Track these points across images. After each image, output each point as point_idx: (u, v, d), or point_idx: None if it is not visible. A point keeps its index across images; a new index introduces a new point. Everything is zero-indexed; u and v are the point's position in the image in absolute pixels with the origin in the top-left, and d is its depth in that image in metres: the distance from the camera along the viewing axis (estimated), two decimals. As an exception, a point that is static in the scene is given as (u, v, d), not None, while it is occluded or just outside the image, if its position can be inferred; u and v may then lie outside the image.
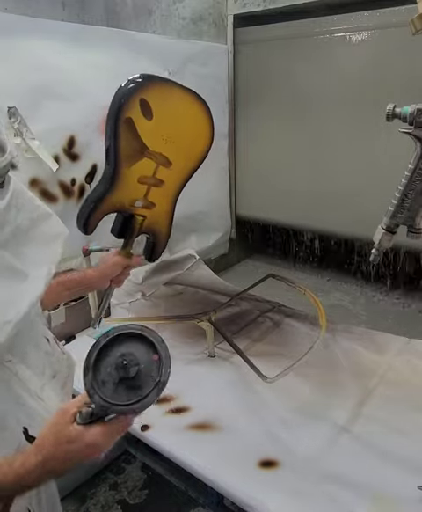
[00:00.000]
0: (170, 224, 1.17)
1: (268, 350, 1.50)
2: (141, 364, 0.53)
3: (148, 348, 0.55)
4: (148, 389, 0.53)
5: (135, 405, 0.53)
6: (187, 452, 1.07)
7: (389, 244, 1.01)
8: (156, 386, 0.53)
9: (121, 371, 0.52)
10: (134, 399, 0.52)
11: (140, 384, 0.53)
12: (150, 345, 0.55)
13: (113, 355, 0.53)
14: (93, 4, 1.71)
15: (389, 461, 1.03)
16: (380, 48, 1.94)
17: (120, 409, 0.53)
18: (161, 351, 0.54)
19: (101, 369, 0.52)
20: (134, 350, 0.53)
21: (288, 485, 0.97)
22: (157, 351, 0.54)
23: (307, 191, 2.25)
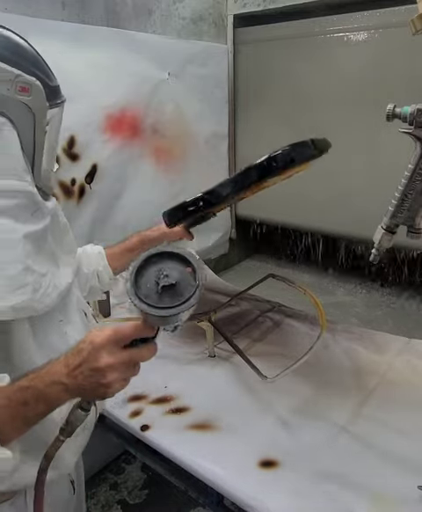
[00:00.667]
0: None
1: (268, 350, 1.50)
2: (178, 276, 0.58)
3: (180, 263, 0.59)
4: (188, 294, 0.57)
5: (181, 306, 0.56)
6: (187, 452, 1.07)
7: (389, 244, 1.01)
8: (196, 289, 0.57)
9: (162, 281, 0.57)
10: (178, 302, 0.56)
11: (180, 291, 0.57)
12: (182, 260, 0.59)
13: (150, 273, 0.58)
14: (93, 4, 1.71)
15: (389, 461, 1.03)
16: (380, 48, 1.94)
17: (167, 312, 0.56)
18: (193, 262, 0.59)
19: (142, 286, 0.57)
20: (168, 266, 0.59)
21: (288, 485, 0.97)
22: (190, 263, 0.59)
23: (307, 191, 2.25)
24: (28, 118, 0.68)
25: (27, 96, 0.66)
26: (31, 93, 0.67)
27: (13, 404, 0.59)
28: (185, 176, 2.30)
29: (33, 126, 0.69)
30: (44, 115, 0.70)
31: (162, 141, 2.12)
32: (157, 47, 1.95)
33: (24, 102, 0.67)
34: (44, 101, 0.70)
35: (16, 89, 0.65)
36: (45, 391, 0.60)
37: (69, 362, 0.60)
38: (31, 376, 0.61)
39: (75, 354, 0.61)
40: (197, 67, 2.17)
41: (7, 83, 0.64)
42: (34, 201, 0.70)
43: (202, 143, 2.35)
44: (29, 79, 0.67)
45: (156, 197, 2.13)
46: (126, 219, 2.06)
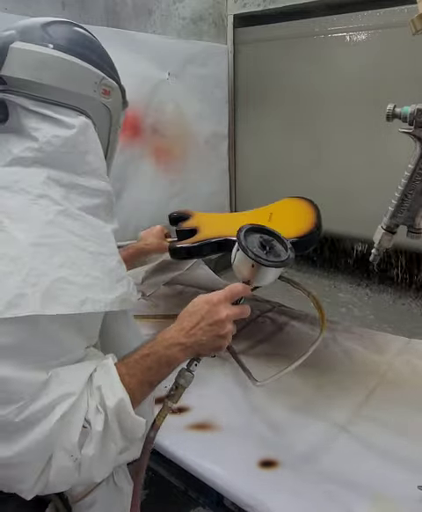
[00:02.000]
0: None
1: (268, 350, 1.50)
2: (273, 240, 0.76)
3: (268, 235, 0.77)
4: (285, 254, 0.74)
5: (287, 260, 0.73)
6: (187, 452, 1.07)
7: (389, 244, 1.01)
8: (290, 250, 0.75)
9: (266, 245, 0.74)
10: (284, 258, 0.74)
11: (278, 253, 0.74)
12: (267, 232, 0.78)
13: (253, 240, 0.74)
14: (93, 4, 1.72)
15: (389, 461, 1.03)
16: (380, 48, 1.94)
17: (282, 264, 0.73)
18: (277, 233, 0.78)
19: (250, 247, 0.72)
20: (262, 235, 0.76)
21: (288, 485, 0.97)
22: (274, 234, 0.78)
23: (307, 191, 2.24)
24: (106, 119, 0.71)
25: (107, 98, 0.70)
26: (111, 96, 0.70)
27: (139, 371, 0.66)
28: (185, 176, 2.30)
29: (109, 127, 0.72)
30: (119, 117, 0.74)
31: (162, 141, 2.12)
32: (157, 47, 1.95)
33: (105, 104, 0.70)
34: (120, 103, 0.74)
35: (100, 91, 0.68)
36: (165, 353, 0.68)
37: (184, 325, 0.72)
38: (149, 345, 0.70)
39: (189, 317, 0.72)
40: (197, 67, 2.18)
41: (94, 85, 0.68)
42: (111, 201, 0.72)
43: (202, 143, 2.35)
44: (111, 82, 0.70)
45: (156, 197, 2.13)
46: (126, 219, 2.06)
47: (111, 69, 0.73)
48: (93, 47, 0.73)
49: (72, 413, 0.59)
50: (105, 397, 0.62)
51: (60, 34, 0.69)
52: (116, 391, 0.63)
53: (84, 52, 0.69)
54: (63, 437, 0.58)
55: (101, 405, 0.62)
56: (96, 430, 0.60)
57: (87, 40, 0.73)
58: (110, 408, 0.61)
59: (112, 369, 0.65)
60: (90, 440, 0.60)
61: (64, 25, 0.73)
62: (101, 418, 0.61)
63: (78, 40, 0.71)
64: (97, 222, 0.67)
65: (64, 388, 0.59)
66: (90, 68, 0.68)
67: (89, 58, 0.69)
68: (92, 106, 0.69)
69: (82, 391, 0.61)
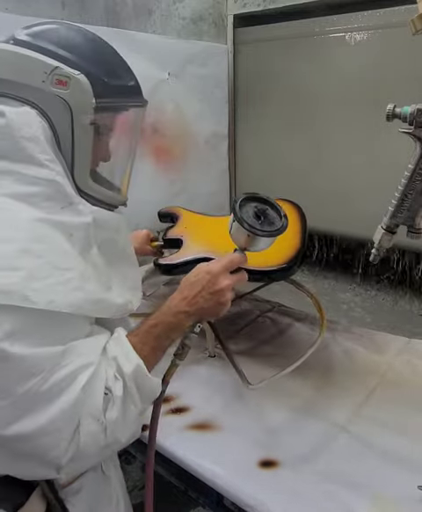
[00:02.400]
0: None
1: (267, 350, 1.50)
2: (266, 211, 0.79)
3: (263, 203, 0.80)
4: (279, 222, 0.78)
5: (281, 229, 0.77)
6: (187, 452, 1.07)
7: (388, 244, 1.01)
8: (284, 217, 0.78)
9: (260, 214, 0.77)
10: (278, 227, 0.77)
11: (272, 221, 0.78)
12: (264, 201, 0.80)
13: (248, 210, 0.77)
14: (93, 4, 1.72)
15: (389, 461, 1.03)
16: (380, 48, 1.94)
17: (277, 233, 0.77)
18: (271, 201, 0.80)
19: (245, 218, 0.75)
20: (257, 204, 0.79)
21: (288, 485, 0.97)
22: (269, 202, 0.80)
23: (307, 191, 2.25)
24: (64, 111, 0.66)
25: (64, 89, 0.65)
26: (69, 87, 0.65)
27: (150, 340, 0.73)
28: (185, 176, 2.30)
29: (70, 120, 0.67)
30: (85, 110, 0.67)
31: (162, 141, 2.12)
32: (157, 47, 1.95)
33: (59, 95, 0.65)
34: (87, 97, 0.67)
35: (52, 81, 0.65)
36: (172, 321, 0.75)
37: (185, 294, 0.77)
38: (155, 315, 0.75)
39: (190, 286, 0.77)
40: (197, 67, 2.17)
41: (42, 75, 0.64)
42: (63, 193, 0.66)
43: (202, 143, 2.35)
44: (68, 72, 0.65)
45: (155, 197, 2.13)
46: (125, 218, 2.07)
47: (86, 59, 0.68)
48: (57, 37, 0.68)
49: (93, 381, 0.64)
50: (122, 364, 0.67)
51: (31, 31, 0.68)
52: (131, 359, 0.69)
53: (42, 43, 0.66)
54: (88, 404, 0.63)
55: (119, 373, 0.67)
56: (116, 395, 0.66)
57: (58, 32, 0.70)
58: (127, 374, 0.67)
59: (124, 340, 0.71)
60: (113, 405, 0.65)
61: (47, 24, 0.72)
62: (120, 384, 0.66)
63: (45, 34, 0.68)
64: (22, 209, 0.62)
65: (83, 359, 0.64)
66: (39, 57, 0.65)
67: (44, 48, 0.66)
68: (42, 98, 0.65)
69: (99, 362, 0.66)
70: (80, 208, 0.68)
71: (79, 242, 0.67)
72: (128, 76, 0.76)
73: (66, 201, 0.67)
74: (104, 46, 0.76)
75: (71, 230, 0.66)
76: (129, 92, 0.75)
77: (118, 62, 0.76)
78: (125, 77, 0.75)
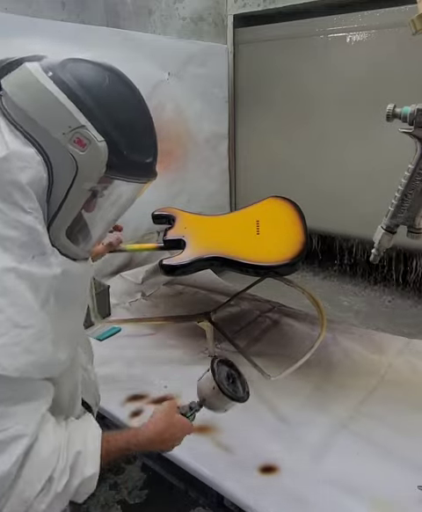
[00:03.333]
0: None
1: (268, 350, 1.50)
2: (237, 377, 0.87)
3: (232, 368, 0.88)
4: (241, 393, 0.85)
5: (241, 399, 0.83)
6: (187, 454, 1.06)
7: (388, 244, 1.01)
8: (246, 393, 0.86)
9: (231, 378, 0.86)
10: (241, 395, 0.84)
11: (236, 390, 0.85)
12: (236, 371, 0.88)
13: (223, 369, 0.86)
14: (93, 4, 1.72)
15: (389, 461, 1.03)
16: (380, 48, 1.94)
17: (233, 396, 0.82)
18: (243, 376, 0.88)
19: (218, 373, 0.83)
20: (229, 369, 0.87)
21: (289, 485, 0.97)
22: (239, 372, 0.88)
23: (307, 191, 2.25)
24: (70, 171, 0.63)
25: (80, 150, 0.61)
26: (86, 150, 0.61)
27: (117, 454, 0.73)
28: (186, 176, 2.30)
29: (72, 180, 0.63)
30: (91, 177, 0.64)
31: (162, 141, 2.11)
32: (157, 47, 1.95)
33: (72, 153, 0.62)
34: (99, 165, 0.63)
35: (72, 138, 0.61)
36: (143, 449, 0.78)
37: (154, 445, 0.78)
38: (131, 442, 0.75)
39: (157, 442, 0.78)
40: (197, 67, 2.18)
41: (65, 128, 0.61)
42: (38, 243, 0.63)
43: (202, 143, 2.35)
44: (92, 136, 0.61)
45: (155, 197, 2.13)
46: (125, 218, 2.05)
47: (116, 127, 0.63)
48: (103, 95, 0.63)
49: (36, 464, 0.60)
50: (82, 464, 0.65)
51: (74, 69, 0.63)
52: (94, 465, 0.66)
53: (83, 95, 0.61)
54: (22, 484, 0.59)
55: (71, 468, 0.63)
56: (54, 491, 0.61)
57: (102, 86, 0.64)
58: (83, 475, 0.64)
59: (97, 440, 0.69)
60: (45, 497, 0.61)
61: (93, 65, 0.65)
62: (64, 481, 0.62)
63: (89, 80, 0.63)
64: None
65: (17, 429, 0.59)
66: (71, 110, 0.60)
67: (81, 101, 0.61)
68: (55, 149, 0.62)
69: (47, 443, 0.62)
70: (51, 260, 0.64)
71: (43, 294, 0.63)
72: (150, 152, 0.70)
73: (39, 250, 0.63)
74: (140, 109, 0.69)
75: (38, 283, 0.62)
76: (143, 170, 0.70)
77: (145, 132, 0.70)
78: (145, 152, 0.69)
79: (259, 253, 1.37)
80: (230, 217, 1.64)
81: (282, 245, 1.40)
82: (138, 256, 2.18)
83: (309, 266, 2.73)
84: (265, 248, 1.40)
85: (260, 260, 1.34)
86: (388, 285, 2.47)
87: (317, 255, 2.67)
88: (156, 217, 1.65)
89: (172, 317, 1.66)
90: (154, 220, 1.66)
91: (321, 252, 2.64)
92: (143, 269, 2.08)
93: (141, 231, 2.14)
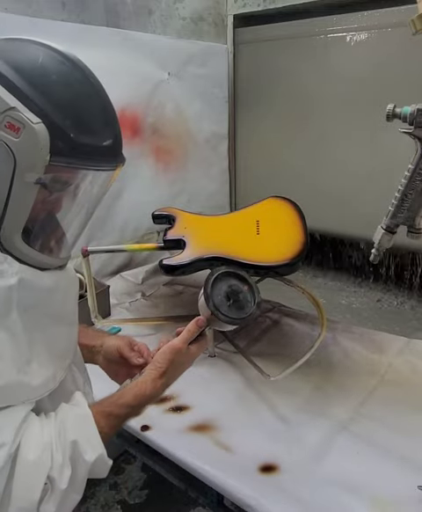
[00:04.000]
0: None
1: (268, 350, 1.50)
2: (240, 292, 0.75)
3: (241, 281, 0.76)
4: (249, 308, 0.74)
5: (247, 317, 0.73)
6: (187, 453, 1.07)
7: (388, 244, 1.01)
8: (255, 305, 0.74)
9: (232, 296, 0.73)
10: (244, 315, 0.73)
11: (243, 306, 0.74)
12: (241, 278, 0.76)
13: (221, 288, 0.73)
14: (93, 4, 1.72)
15: (389, 461, 1.03)
16: (380, 48, 1.94)
17: (239, 321, 0.73)
18: (251, 282, 0.76)
19: (214, 298, 0.72)
20: (233, 283, 0.75)
21: (289, 485, 0.97)
22: (248, 282, 0.76)
23: (307, 191, 2.25)
24: (6, 161, 0.55)
25: (14, 137, 0.53)
26: (21, 135, 0.53)
27: (119, 423, 0.68)
28: (185, 176, 2.30)
29: (12, 172, 0.55)
30: (32, 168, 0.55)
31: (162, 141, 2.12)
32: (157, 47, 1.95)
33: (4, 142, 0.53)
34: (39, 151, 0.54)
35: (2, 123, 0.53)
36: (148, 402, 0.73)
37: (157, 383, 0.73)
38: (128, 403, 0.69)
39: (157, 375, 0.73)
40: (197, 67, 2.18)
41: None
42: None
43: (202, 143, 2.35)
44: (25, 118, 0.53)
45: (155, 197, 2.13)
46: (125, 219, 2.07)
47: (56, 107, 0.55)
48: (38, 74, 0.55)
49: (27, 470, 0.54)
50: (83, 451, 0.59)
51: (5, 50, 0.57)
52: (95, 447, 0.61)
53: (11, 74, 0.54)
54: (19, 495, 0.54)
55: (72, 460, 0.58)
56: (59, 488, 0.56)
57: (36, 65, 0.56)
58: (87, 463, 0.59)
59: (90, 422, 0.62)
60: (52, 497, 0.56)
61: (29, 44, 0.58)
62: (67, 475, 0.57)
63: (21, 60, 0.56)
64: None
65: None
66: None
67: (10, 81, 0.53)
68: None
69: (34, 445, 0.56)
70: (2, 269, 0.57)
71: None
72: (107, 133, 0.60)
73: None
74: (87, 86, 0.59)
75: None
76: (100, 155, 0.59)
77: (97, 111, 0.60)
78: (101, 134, 0.59)
79: (259, 253, 1.37)
80: (230, 217, 1.64)
81: (282, 245, 1.40)
82: (138, 256, 2.18)
83: (309, 267, 2.73)
84: (265, 248, 1.40)
85: (260, 260, 1.35)
86: (388, 285, 2.47)
87: (317, 255, 2.67)
88: (156, 217, 1.65)
89: (172, 317, 1.66)
90: (154, 220, 1.66)
91: (321, 252, 2.64)
92: (143, 269, 2.08)
93: (141, 231, 2.15)
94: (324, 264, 2.69)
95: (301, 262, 1.37)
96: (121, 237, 2.07)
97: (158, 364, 0.72)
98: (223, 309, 0.72)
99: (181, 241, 1.45)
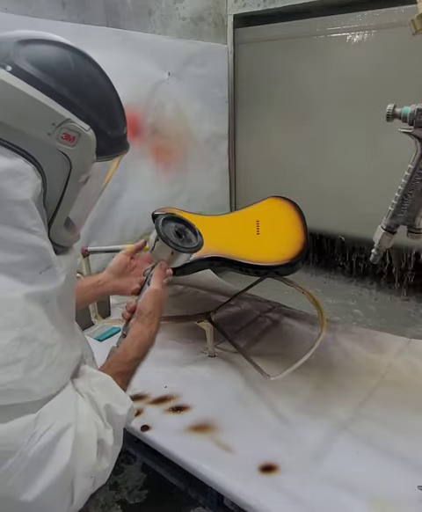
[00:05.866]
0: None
1: (268, 350, 1.50)
2: (184, 228, 0.86)
3: (177, 222, 0.87)
4: (196, 239, 0.86)
5: (200, 244, 0.85)
6: (187, 453, 1.07)
7: (388, 244, 1.01)
8: (199, 235, 0.86)
9: (181, 233, 0.85)
10: (197, 243, 0.85)
11: (190, 239, 0.85)
12: (178, 220, 0.87)
13: (169, 228, 0.84)
14: (93, 4, 1.72)
15: (389, 461, 1.03)
16: (380, 48, 1.94)
17: (196, 249, 0.84)
18: (186, 221, 0.87)
19: (171, 238, 0.81)
20: (176, 224, 0.86)
21: (289, 485, 0.97)
22: (184, 221, 0.87)
23: (307, 191, 2.25)
24: (63, 169, 0.58)
25: (70, 146, 0.56)
26: (76, 143, 0.56)
27: (132, 373, 0.74)
28: (185, 176, 2.30)
29: (67, 178, 0.59)
30: (85, 170, 0.60)
31: (162, 141, 2.12)
32: (157, 47, 1.95)
33: (63, 152, 0.56)
34: (90, 154, 0.59)
35: (59, 135, 0.55)
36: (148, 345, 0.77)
37: (152, 327, 0.77)
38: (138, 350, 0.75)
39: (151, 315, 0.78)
40: (197, 67, 2.18)
41: (49, 126, 0.54)
42: (45, 258, 0.59)
43: (202, 143, 2.35)
44: (79, 127, 0.55)
45: (155, 197, 2.13)
46: (125, 219, 2.07)
47: (95, 109, 0.58)
48: (75, 80, 0.57)
49: (83, 441, 0.59)
50: (116, 409, 0.65)
51: (33, 56, 0.55)
52: (124, 402, 0.67)
53: (54, 84, 0.54)
54: (82, 465, 0.58)
55: (110, 420, 0.64)
56: (108, 445, 0.62)
57: (70, 70, 0.57)
58: (121, 417, 0.65)
59: (112, 385, 0.68)
60: (104, 455, 0.62)
61: (50, 46, 0.58)
62: (110, 432, 0.63)
63: (55, 67, 0.56)
64: (5, 284, 0.55)
65: (59, 422, 0.57)
66: (49, 105, 0.54)
67: (56, 92, 0.54)
68: (43, 152, 0.56)
69: (88, 417, 0.61)
70: (56, 270, 0.61)
71: (51, 308, 0.61)
72: (123, 122, 0.65)
73: (45, 265, 0.59)
74: (107, 84, 0.63)
75: (47, 298, 0.59)
76: (122, 143, 0.66)
77: (117, 105, 0.64)
78: (121, 124, 0.65)
79: (259, 253, 1.37)
80: (230, 217, 1.64)
81: (282, 245, 1.40)
82: (138, 256, 2.18)
83: (309, 266, 2.73)
84: (265, 248, 1.40)
85: (260, 260, 1.35)
86: (388, 285, 2.47)
87: (317, 255, 2.67)
88: (156, 217, 1.65)
89: (172, 317, 1.66)
90: (154, 220, 1.66)
91: (321, 252, 2.64)
92: (143, 269, 2.08)
93: (141, 231, 2.14)
94: (324, 264, 2.69)
95: (301, 262, 1.37)
96: (121, 237, 2.07)
97: (146, 311, 0.78)
98: (180, 244, 0.82)
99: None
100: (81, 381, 0.67)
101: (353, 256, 2.52)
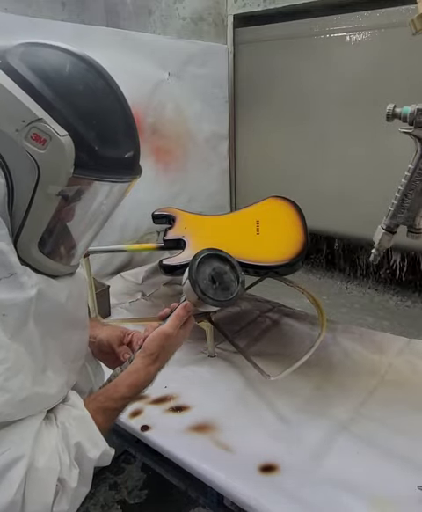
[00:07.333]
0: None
1: (268, 350, 1.50)
2: (224, 273, 0.75)
3: (222, 262, 0.76)
4: (235, 288, 0.74)
5: (234, 298, 0.73)
6: (187, 453, 1.06)
7: (388, 244, 1.01)
8: (239, 284, 0.75)
9: (217, 279, 0.73)
10: (231, 296, 0.73)
11: (228, 286, 0.74)
12: (223, 259, 0.76)
13: (205, 271, 0.73)
14: (93, 4, 1.72)
15: (389, 461, 1.03)
16: (380, 48, 1.94)
17: (227, 303, 0.73)
18: (233, 262, 0.76)
19: (200, 281, 0.71)
20: (216, 265, 0.75)
21: (289, 485, 0.97)
22: (230, 262, 0.76)
23: (307, 191, 2.25)
24: (31, 173, 0.54)
25: (40, 148, 0.52)
26: (47, 147, 0.52)
27: (116, 414, 0.68)
28: (185, 176, 2.30)
29: (35, 185, 0.54)
30: (56, 180, 0.54)
31: (162, 141, 2.12)
32: (157, 47, 1.95)
33: (30, 153, 0.52)
34: (64, 164, 0.53)
35: (28, 134, 0.52)
36: (143, 385, 0.72)
37: (149, 368, 0.72)
38: (129, 389, 0.69)
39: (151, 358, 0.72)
40: (197, 67, 2.18)
41: (19, 123, 0.52)
42: (5, 264, 0.54)
43: (202, 143, 2.35)
44: (51, 130, 0.52)
45: (155, 197, 2.13)
46: (125, 219, 2.07)
47: (83, 119, 0.54)
48: (65, 84, 0.54)
49: (40, 476, 0.54)
50: (87, 450, 0.60)
51: (28, 55, 0.54)
52: (98, 444, 0.62)
53: (36, 82, 0.52)
54: (34, 501, 0.54)
55: (77, 459, 0.59)
56: (70, 486, 0.57)
57: (62, 74, 0.54)
58: (91, 460, 0.60)
59: (89, 421, 0.62)
60: (64, 496, 0.57)
61: (54, 50, 0.56)
62: (76, 473, 0.58)
63: (46, 67, 0.54)
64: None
65: (11, 452, 0.53)
66: (22, 101, 0.51)
67: (36, 90, 0.52)
68: (9, 149, 0.53)
69: (42, 452, 0.56)
70: (22, 281, 0.55)
71: (13, 322, 0.54)
72: (128, 145, 0.59)
73: (6, 271, 0.54)
74: (111, 96, 0.58)
75: (4, 310, 0.53)
76: (121, 167, 0.59)
77: (121, 122, 0.59)
78: (123, 146, 0.59)
79: (259, 253, 1.37)
80: (230, 217, 1.64)
81: (282, 245, 1.40)
82: (138, 256, 2.18)
83: (309, 266, 2.73)
84: (265, 248, 1.40)
85: (260, 260, 1.35)
86: (388, 285, 2.47)
87: (317, 255, 2.67)
88: (156, 217, 1.66)
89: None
90: (154, 220, 1.66)
91: (321, 251, 2.65)
92: (143, 269, 2.08)
93: (141, 231, 2.15)
94: (324, 264, 2.69)
95: (301, 262, 1.37)
96: (121, 237, 2.07)
97: (149, 351, 0.71)
98: (210, 292, 0.71)
99: (181, 241, 1.45)
100: (62, 408, 0.63)
101: (354, 256, 2.52)
